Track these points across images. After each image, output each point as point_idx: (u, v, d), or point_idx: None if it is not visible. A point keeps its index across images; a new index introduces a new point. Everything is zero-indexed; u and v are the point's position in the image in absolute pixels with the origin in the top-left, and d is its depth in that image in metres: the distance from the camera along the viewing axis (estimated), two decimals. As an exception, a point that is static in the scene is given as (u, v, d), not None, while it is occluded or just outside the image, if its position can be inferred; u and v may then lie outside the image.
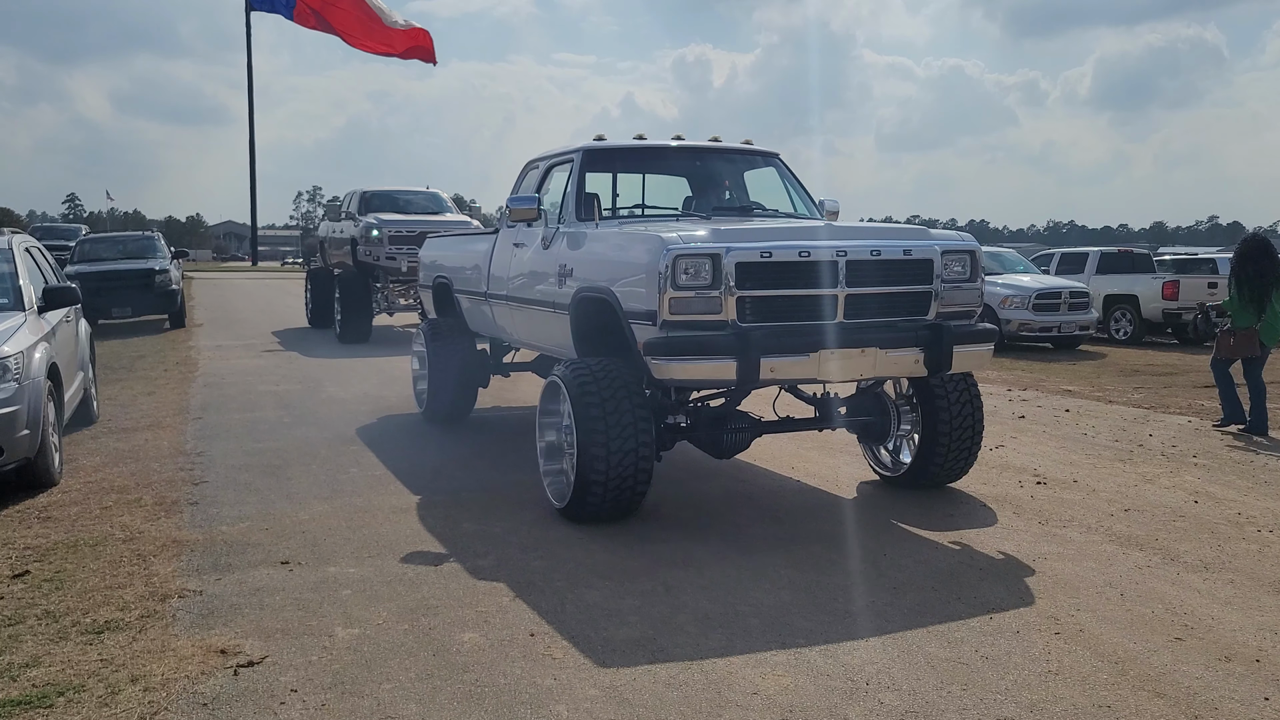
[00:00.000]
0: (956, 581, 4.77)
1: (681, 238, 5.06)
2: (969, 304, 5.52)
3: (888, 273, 5.24)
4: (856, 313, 5.21)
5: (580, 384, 5.33)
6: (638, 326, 5.20)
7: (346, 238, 15.88)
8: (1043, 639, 4.07)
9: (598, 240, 5.92)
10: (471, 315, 8.32)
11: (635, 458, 5.26)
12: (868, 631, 4.15)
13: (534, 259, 6.68)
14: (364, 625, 4.25)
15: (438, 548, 5.30)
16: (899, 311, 5.34)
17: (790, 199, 6.81)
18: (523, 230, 7.01)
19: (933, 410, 6.02)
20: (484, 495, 6.38)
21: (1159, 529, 5.64)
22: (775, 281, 5.06)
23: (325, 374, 11.88)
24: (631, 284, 5.24)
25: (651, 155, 6.94)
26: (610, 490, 5.31)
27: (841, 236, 5.21)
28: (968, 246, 5.49)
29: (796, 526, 5.74)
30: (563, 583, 4.76)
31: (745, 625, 4.23)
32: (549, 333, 6.54)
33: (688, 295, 4.97)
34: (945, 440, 6.02)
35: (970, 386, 6.05)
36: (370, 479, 6.80)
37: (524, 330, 7.16)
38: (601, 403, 5.23)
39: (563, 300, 6.05)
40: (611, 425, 5.19)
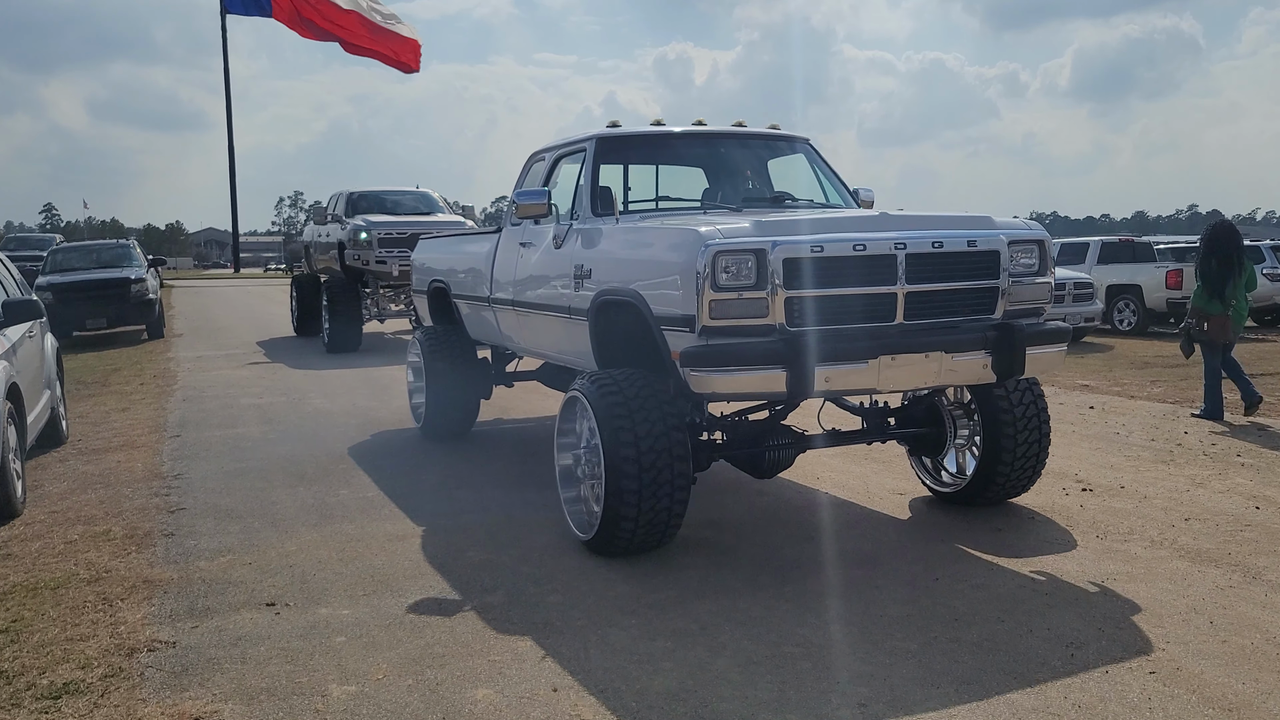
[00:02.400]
0: (1022, 610, 4.27)
1: (721, 231, 4.47)
2: (1038, 300, 4.96)
3: (951, 267, 4.68)
4: (917, 313, 4.63)
5: (606, 399, 4.74)
6: (671, 333, 4.62)
7: (333, 241, 15.30)
8: (1137, 681, 3.57)
9: (621, 237, 5.33)
10: (472, 322, 7.73)
11: (671, 484, 4.68)
12: (938, 675, 3.65)
13: (544, 260, 6.10)
14: (361, 681, 3.72)
15: (441, 583, 4.77)
16: (962, 310, 4.76)
17: (822, 188, 6.24)
18: (529, 228, 6.43)
19: (995, 419, 5.46)
20: (488, 517, 5.86)
21: (1227, 541, 5.16)
22: (827, 279, 4.47)
23: (312, 386, 11.32)
24: (663, 285, 4.68)
25: (672, 142, 6.30)
26: (643, 521, 4.72)
27: (897, 227, 4.63)
28: (1036, 236, 4.93)
29: (833, 546, 5.23)
30: (584, 621, 4.24)
31: (796, 670, 3.72)
32: (563, 341, 5.96)
33: (730, 297, 4.38)
34: (1010, 452, 5.44)
35: (1036, 391, 5.51)
36: (362, 502, 6.26)
37: (534, 338, 6.58)
38: (632, 420, 4.64)
39: (580, 305, 5.48)
40: (644, 446, 4.60)
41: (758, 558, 5.04)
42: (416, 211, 15.51)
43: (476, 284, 7.31)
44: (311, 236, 17.22)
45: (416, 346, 8.16)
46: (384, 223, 14.36)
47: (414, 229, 13.82)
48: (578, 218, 5.84)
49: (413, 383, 8.50)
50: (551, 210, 5.93)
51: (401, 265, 13.56)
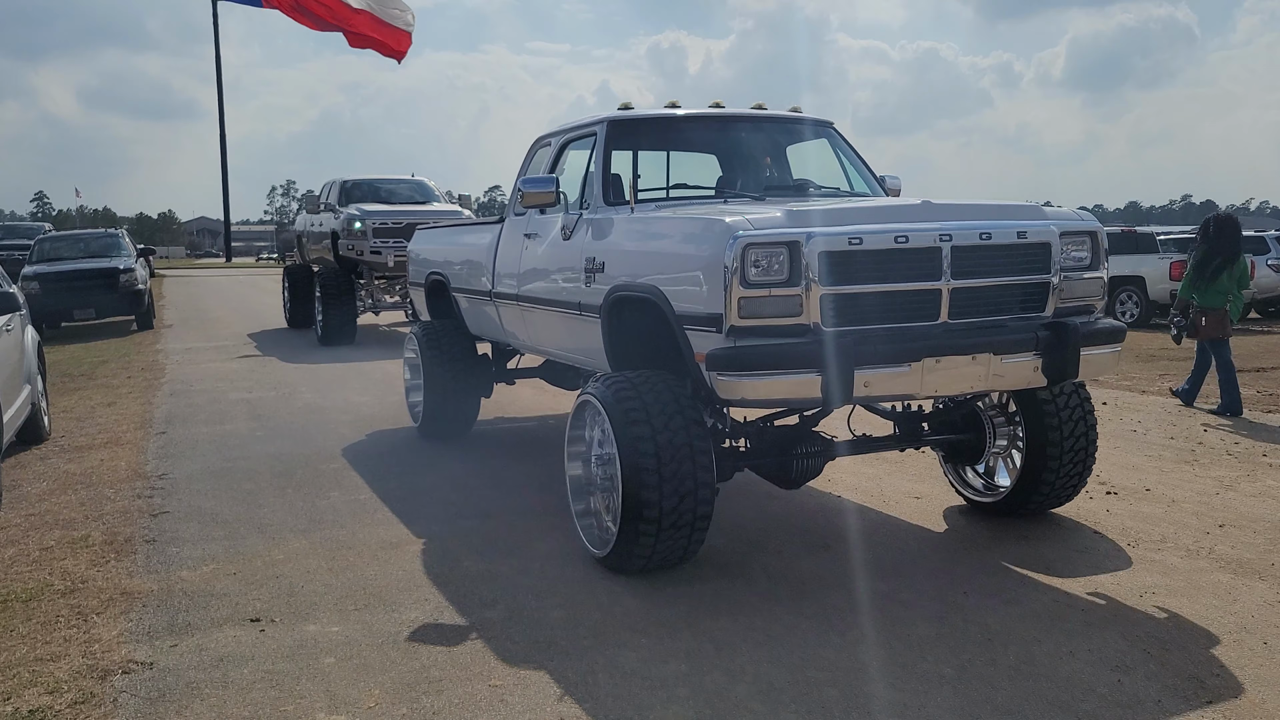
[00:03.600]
0: (1060, 629, 4.00)
1: (751, 222, 4.10)
2: (1091, 296, 4.63)
3: (999, 260, 4.34)
4: (963, 311, 4.27)
5: (623, 404, 4.37)
6: (695, 333, 4.25)
7: (326, 231, 14.97)
8: (1195, 713, 3.30)
9: (637, 228, 4.94)
10: (472, 317, 7.37)
11: (695, 497, 4.31)
12: (977, 705, 3.37)
13: (552, 252, 5.74)
14: (353, 709, 3.43)
15: (436, 596, 4.48)
16: (1011, 308, 4.40)
17: (846, 175, 5.87)
18: (535, 218, 6.08)
19: (1040, 424, 5.12)
20: (485, 523, 5.57)
21: (1269, 551, 4.89)
22: (866, 274, 4.11)
23: (304, 380, 11.01)
24: (686, 281, 4.31)
25: (690, 125, 5.91)
26: (664, 538, 4.35)
27: (941, 217, 4.29)
28: (1089, 227, 4.59)
29: (851, 557, 4.95)
30: (589, 640, 3.96)
31: (822, 699, 3.44)
32: (572, 339, 5.62)
33: (760, 294, 4.00)
34: (1056, 459, 5.07)
35: (1082, 394, 5.17)
36: (354, 505, 5.97)
37: (539, 335, 6.22)
38: (651, 427, 4.28)
39: (591, 300, 5.12)
40: (665, 456, 4.23)
41: (772, 569, 4.76)
42: (412, 201, 15.17)
43: (477, 277, 6.96)
44: (304, 226, 16.88)
45: (413, 342, 7.79)
46: (379, 212, 14.03)
47: (410, 218, 13.50)
48: (588, 207, 5.48)
49: (409, 380, 8.17)
50: (560, 199, 5.54)
51: (397, 256, 13.24)
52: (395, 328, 16.87)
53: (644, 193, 5.39)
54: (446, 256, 7.71)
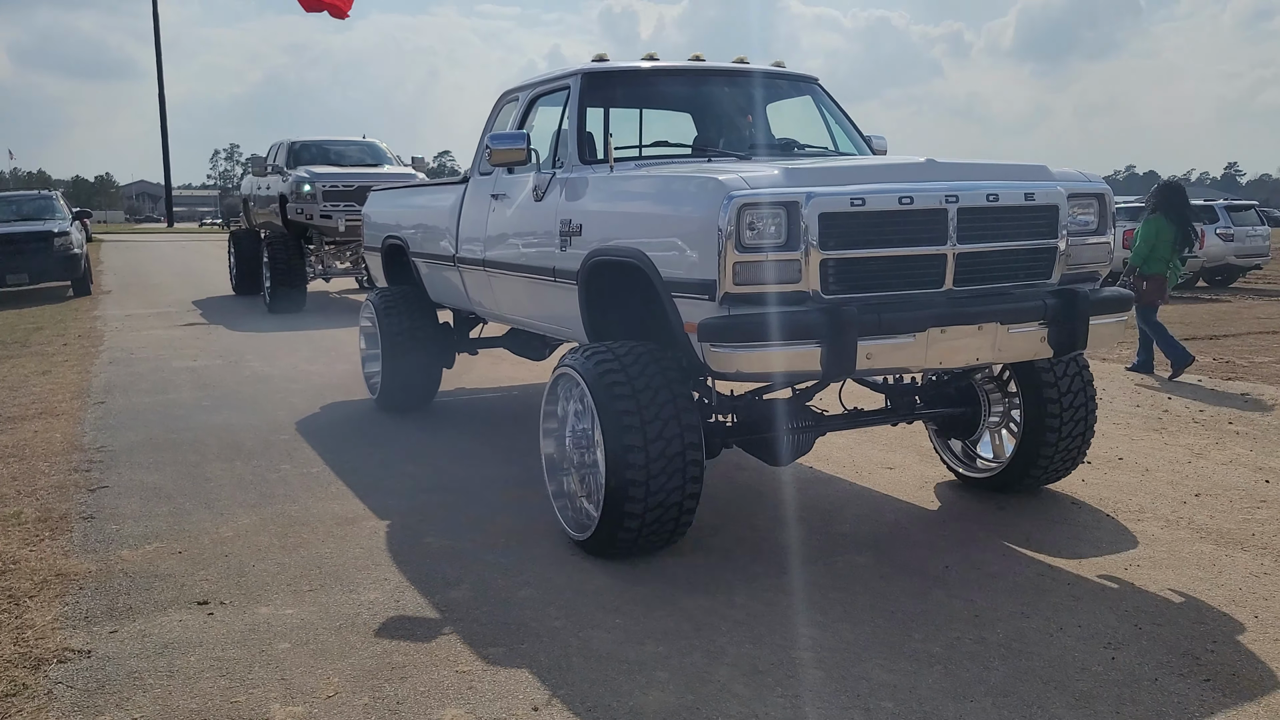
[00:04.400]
0: (1048, 604, 3.87)
1: (747, 180, 3.78)
2: (1097, 262, 4.43)
3: (1006, 223, 4.04)
4: (968, 277, 4.01)
5: (606, 377, 4.08)
6: (685, 301, 3.96)
7: (274, 194, 14.48)
8: (1194, 692, 3.18)
9: (619, 188, 4.61)
10: (433, 283, 7.03)
11: (684, 477, 4.07)
12: (969, 686, 3.22)
13: (522, 214, 5.41)
14: (310, 699, 3.20)
15: (397, 575, 4.25)
16: (1016, 275, 4.15)
17: (831, 134, 5.60)
18: (503, 178, 5.74)
19: (1038, 396, 4.89)
20: (446, 497, 5.33)
21: (1246, 520, 4.82)
22: (869, 238, 3.82)
23: (252, 348, 10.65)
24: (675, 244, 4.00)
25: (669, 79, 5.57)
26: (650, 520, 4.09)
27: (946, 176, 3.97)
28: (1097, 188, 4.32)
29: (828, 530, 4.80)
30: (561, 621, 3.76)
31: (809, 681, 3.28)
32: (545, 307, 5.30)
33: (756, 259, 3.70)
34: (1054, 432, 4.87)
35: (1081, 363, 4.98)
36: (307, 479, 5.70)
37: (507, 303, 5.88)
38: (637, 402, 3.99)
39: (567, 266, 4.81)
40: (652, 433, 3.96)
41: (747, 542, 4.59)
42: (363, 163, 14.73)
43: (439, 241, 6.61)
44: (250, 189, 16.35)
45: (369, 309, 7.43)
46: (329, 174, 13.59)
47: (361, 181, 13.11)
48: (562, 166, 5.14)
49: (365, 350, 7.80)
50: (531, 157, 5.21)
51: (349, 220, 12.86)
52: (346, 295, 16.46)
53: (618, 151, 5.08)
54: (405, 219, 7.35)
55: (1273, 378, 8.79)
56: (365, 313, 7.61)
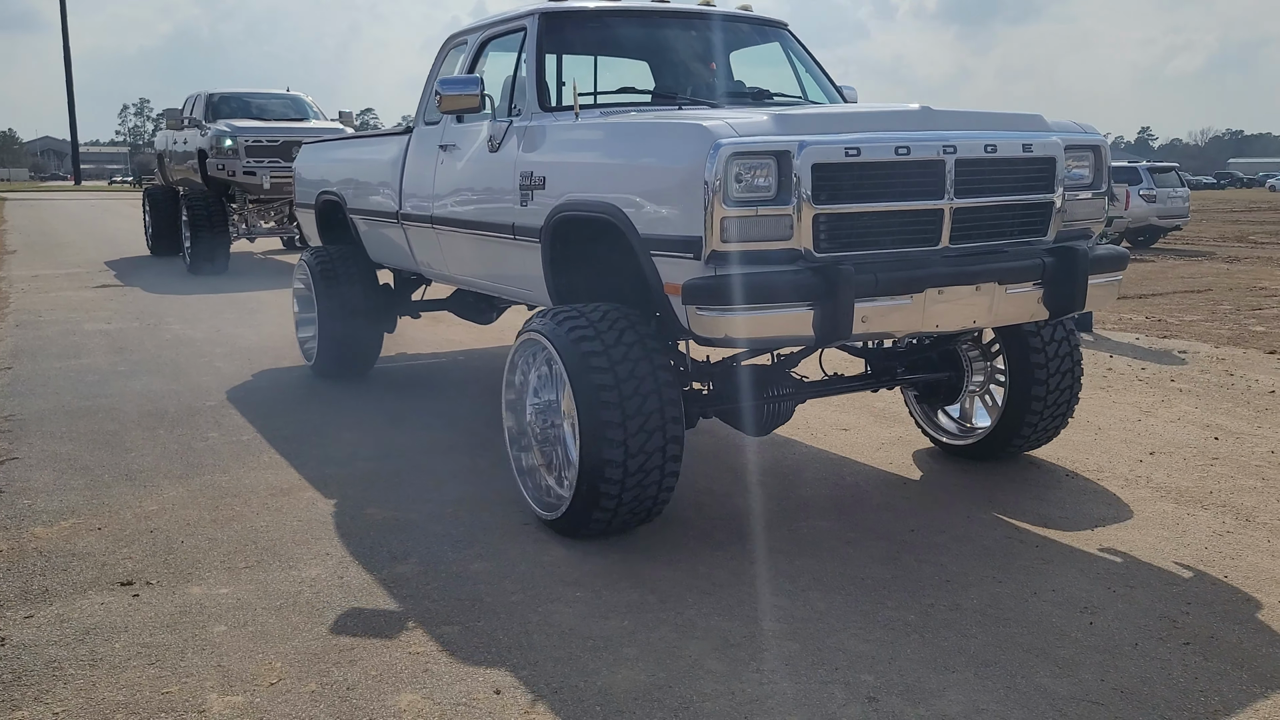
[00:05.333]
0: (1018, 566, 3.79)
1: (734, 127, 3.46)
2: (1091, 219, 4.15)
3: (1003, 176, 3.80)
4: (964, 234, 3.76)
5: (581, 345, 3.74)
6: (666, 261, 3.64)
7: (192, 150, 13.82)
8: (1175, 656, 3.11)
9: (588, 136, 4.25)
10: (374, 242, 6.60)
11: (663, 452, 3.74)
12: (949, 655, 3.11)
13: (475, 167, 5.04)
14: (251, 688, 2.96)
15: (339, 549, 4.00)
16: (1011, 232, 3.90)
17: (801, 84, 5.30)
18: (451, 128, 5.36)
19: (1024, 360, 4.68)
20: (388, 464, 5.07)
21: (1203, 478, 4.80)
22: (863, 191, 3.54)
23: (172, 310, 10.16)
24: (654, 198, 3.67)
25: (633, 21, 5.19)
26: (627, 499, 3.79)
27: (942, 125, 3.70)
28: (1092, 140, 4.09)
29: (788, 494, 4.66)
30: (519, 595, 3.55)
31: (784, 654, 3.13)
32: (503, 266, 4.92)
33: (747, 214, 3.38)
34: (1040, 399, 4.68)
35: (1068, 327, 4.80)
36: (237, 447, 5.38)
37: (459, 263, 5.46)
38: (614, 372, 3.67)
39: (528, 222, 4.45)
40: (631, 407, 3.65)
41: (706, 508, 4.43)
42: (286, 118, 14.13)
43: (380, 196, 6.19)
44: (165, 144, 15.61)
45: (303, 270, 6.96)
46: (251, 128, 13.00)
47: (287, 136, 12.59)
48: (519, 114, 4.78)
49: (299, 313, 7.35)
50: (485, 104, 4.81)
51: (274, 177, 12.33)
52: (272, 256, 15.91)
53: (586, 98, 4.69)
54: (341, 174, 6.90)
55: (1204, 335, 8.91)
56: (299, 274, 7.16)
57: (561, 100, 4.73)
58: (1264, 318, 10.04)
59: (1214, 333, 9.05)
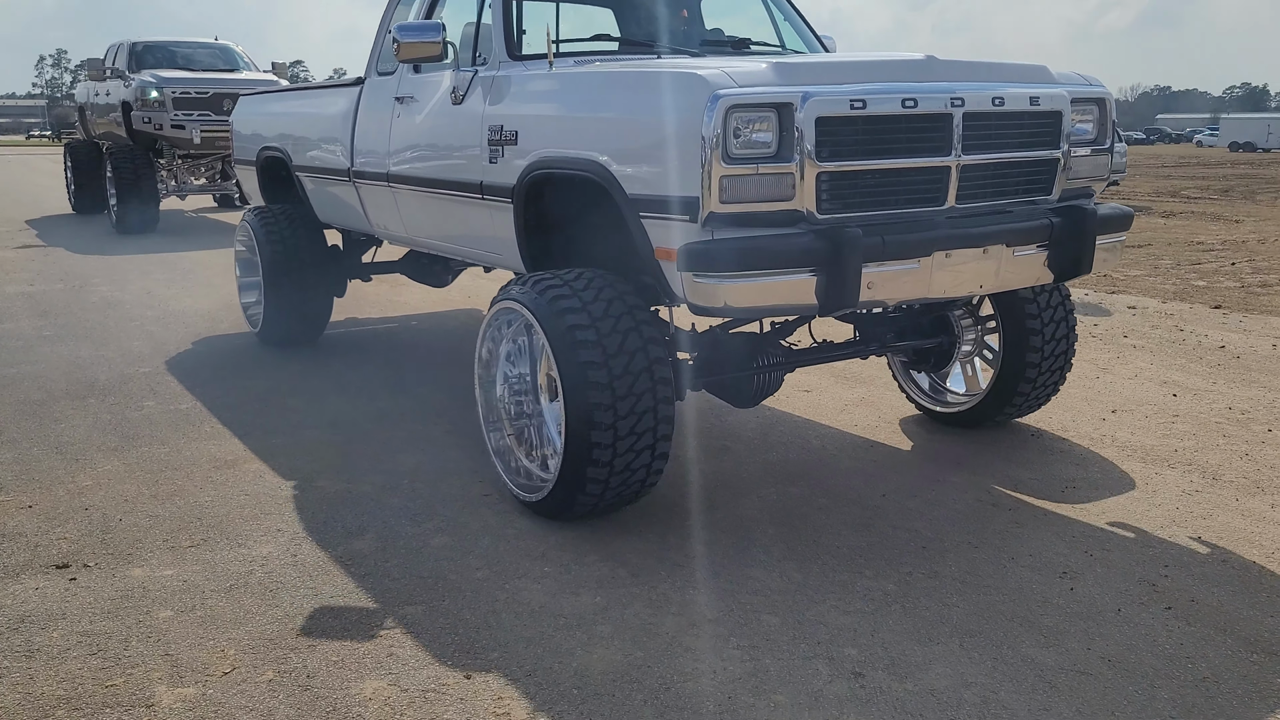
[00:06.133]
0: (992, 531, 3.73)
1: (732, 77, 3.20)
2: (1094, 177, 3.94)
3: (1009, 131, 3.60)
4: (970, 194, 3.55)
5: (565, 316, 3.47)
6: (657, 223, 3.36)
7: (115, 102, 13.20)
8: (1158, 622, 3.06)
9: (566, 87, 3.94)
10: (322, 202, 6.23)
11: (655, 435, 3.50)
12: (933, 626, 3.03)
13: (437, 120, 4.70)
14: (203, 679, 2.77)
15: (290, 524, 3.80)
16: (1015, 191, 3.71)
17: (779, 33, 5.00)
18: (409, 78, 5.02)
19: (1019, 324, 4.51)
20: (338, 434, 4.87)
21: (1166, 436, 4.80)
22: (869, 147, 3.31)
23: (99, 272, 9.73)
24: (644, 155, 3.39)
25: None
26: (616, 480, 3.53)
27: (948, 76, 3.47)
28: (1097, 93, 3.88)
29: (754, 458, 4.56)
30: (484, 572, 3.40)
31: (763, 629, 3.02)
32: (469, 229, 4.61)
33: (746, 172, 3.14)
34: (1035, 366, 4.51)
35: (1064, 290, 4.63)
36: (175, 417, 5.13)
37: (419, 225, 5.12)
38: (601, 345, 3.41)
39: (499, 180, 4.14)
40: (620, 383, 3.40)
41: (671, 475, 4.28)
42: (216, 68, 13.55)
43: (329, 152, 5.81)
44: (87, 96, 14.92)
45: (246, 232, 6.56)
46: (179, 79, 12.45)
47: (217, 87, 12.09)
48: (485, 63, 4.47)
49: (242, 277, 6.95)
50: (447, 51, 4.44)
51: (204, 131, 11.83)
52: (204, 214, 15.36)
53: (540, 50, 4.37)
54: (285, 128, 6.50)
55: (1150, 290, 8.99)
56: (240, 235, 6.74)
57: (531, 48, 4.42)
58: (1204, 272, 10.17)
59: (1159, 288, 9.13)
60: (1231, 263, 10.77)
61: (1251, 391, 5.56)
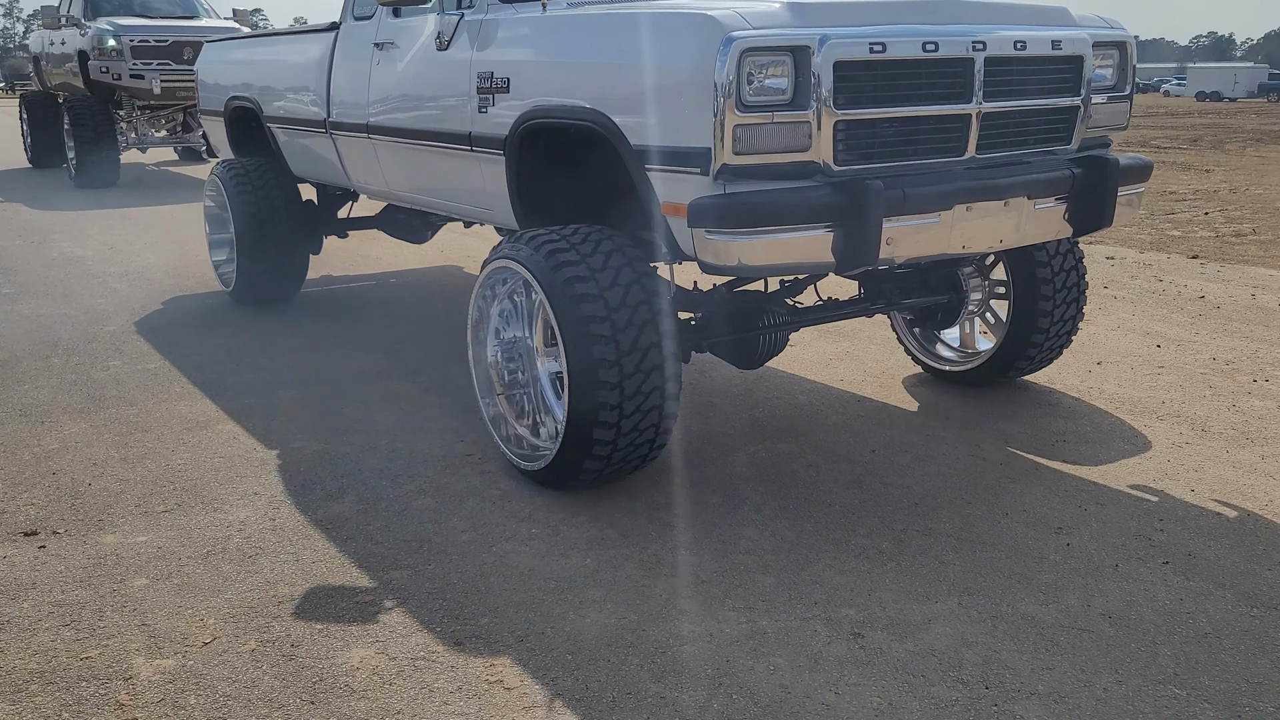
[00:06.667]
0: (984, 486, 3.68)
1: (746, 17, 2.99)
2: (1115, 126, 3.80)
3: (1030, 77, 3.43)
4: (989, 143, 3.40)
5: (565, 272, 3.28)
6: (665, 176, 3.17)
7: (71, 51, 12.78)
8: (1157, 577, 3.03)
9: (562, 30, 3.68)
10: (296, 154, 5.96)
11: (663, 395, 3.33)
12: (930, 584, 2.98)
13: (420, 68, 4.45)
14: (183, 649, 2.68)
15: (268, 487, 3.69)
16: (1034, 140, 3.55)
17: None
18: (388, 23, 4.76)
19: (1030, 277, 4.33)
20: (313, 393, 4.74)
21: (1153, 388, 4.77)
22: (886, 94, 3.14)
23: (59, 227, 9.46)
24: (650, 102, 3.19)
25: None
26: (623, 444, 3.36)
27: (967, 19, 3.30)
28: (1119, 36, 3.71)
29: (740, 415, 4.48)
30: (470, 534, 3.32)
31: (758, 589, 2.96)
32: (457, 183, 4.38)
33: (761, 120, 2.96)
34: (1047, 318, 4.34)
35: (1074, 242, 4.39)
36: (143, 376, 4.98)
37: (402, 178, 4.87)
38: (607, 305, 3.22)
39: (489, 131, 3.91)
40: (627, 343, 3.23)
41: (657, 432, 4.22)
42: (174, 15, 13.12)
43: (303, 103, 5.54)
44: (42, 46, 14.44)
45: (215, 186, 6.27)
46: (137, 27, 12.03)
47: (177, 35, 11.71)
48: (471, 6, 4.15)
49: (212, 234, 6.64)
50: None
51: (164, 81, 11.48)
52: (166, 167, 14.99)
53: None
54: (254, 77, 6.20)
55: (1127, 240, 8.98)
56: (209, 190, 6.45)
57: None
58: (1179, 222, 10.17)
59: (1135, 238, 9.12)
60: (1205, 212, 10.78)
61: (1234, 342, 5.55)
